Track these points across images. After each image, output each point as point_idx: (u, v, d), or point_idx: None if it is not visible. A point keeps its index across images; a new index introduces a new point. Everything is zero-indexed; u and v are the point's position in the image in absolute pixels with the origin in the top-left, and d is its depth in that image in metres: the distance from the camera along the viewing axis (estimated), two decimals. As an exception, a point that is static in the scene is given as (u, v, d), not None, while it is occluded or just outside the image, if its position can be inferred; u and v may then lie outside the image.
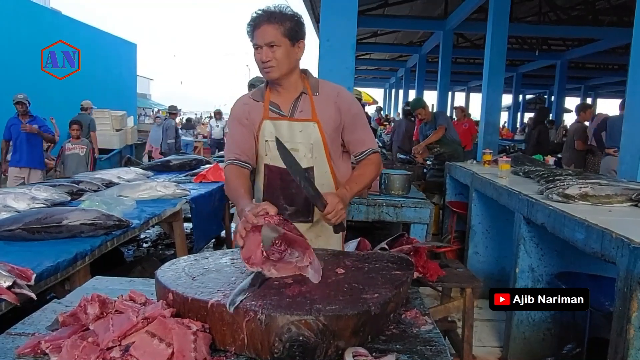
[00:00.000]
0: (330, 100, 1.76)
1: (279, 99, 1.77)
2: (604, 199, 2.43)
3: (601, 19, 10.34)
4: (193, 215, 3.64)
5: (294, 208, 1.79)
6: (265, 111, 1.76)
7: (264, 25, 1.60)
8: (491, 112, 7.33)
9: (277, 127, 1.75)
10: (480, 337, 3.09)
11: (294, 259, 1.23)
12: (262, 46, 1.62)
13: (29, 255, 2.01)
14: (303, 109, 1.75)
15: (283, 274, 1.21)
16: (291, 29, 1.63)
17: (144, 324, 1.03)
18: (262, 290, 1.13)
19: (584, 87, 21.03)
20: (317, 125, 1.73)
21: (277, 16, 1.61)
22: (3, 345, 1.11)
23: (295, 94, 1.76)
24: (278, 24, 1.60)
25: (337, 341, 1.02)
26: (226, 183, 1.75)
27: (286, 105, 1.76)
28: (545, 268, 2.73)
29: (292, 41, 1.64)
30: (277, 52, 1.62)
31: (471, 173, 3.89)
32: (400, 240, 2.12)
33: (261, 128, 1.76)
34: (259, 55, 1.64)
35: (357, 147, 1.82)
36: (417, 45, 14.12)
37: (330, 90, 1.79)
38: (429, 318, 1.25)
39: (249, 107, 1.79)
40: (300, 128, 1.74)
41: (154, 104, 27.26)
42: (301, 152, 1.74)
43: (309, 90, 1.76)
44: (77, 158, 6.35)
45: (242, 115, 1.80)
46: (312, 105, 1.74)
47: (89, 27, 14.20)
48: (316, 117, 1.73)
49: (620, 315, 1.70)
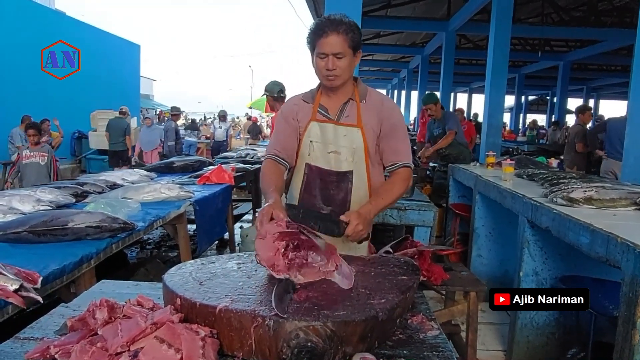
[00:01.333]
0: (375, 109, 1.81)
1: (329, 103, 1.81)
2: (608, 202, 2.43)
3: (604, 20, 10.32)
4: (197, 217, 3.65)
5: (330, 208, 1.83)
6: (314, 113, 1.82)
7: (333, 35, 1.64)
8: (494, 113, 7.32)
9: (322, 130, 1.80)
10: (484, 340, 3.09)
11: (317, 263, 1.23)
12: (329, 55, 1.66)
13: (35, 258, 2.02)
14: (349, 114, 1.79)
15: (309, 279, 1.22)
16: (355, 40, 1.68)
17: (153, 329, 1.04)
18: (269, 295, 1.13)
19: (586, 88, 21.00)
20: (360, 131, 1.78)
21: (343, 27, 1.65)
22: (12, 350, 1.12)
23: (344, 99, 1.81)
24: (345, 34, 1.65)
25: (344, 347, 1.03)
26: (261, 175, 1.77)
27: (334, 109, 1.81)
28: (549, 272, 2.73)
29: (354, 51, 1.70)
30: (342, 61, 1.67)
31: (474, 175, 3.88)
32: (404, 243, 2.13)
33: (307, 129, 1.81)
34: (323, 62, 1.68)
35: (390, 156, 1.82)
36: (420, 47, 14.13)
37: (376, 99, 1.84)
38: (435, 323, 1.25)
39: (298, 108, 1.85)
40: (344, 132, 1.79)
41: (157, 105, 27.30)
42: (342, 156, 1.79)
43: (357, 96, 1.81)
44: (37, 167, 5.42)
45: (290, 115, 1.85)
46: (358, 112, 1.79)
47: (92, 28, 14.26)
48: (361, 123, 1.78)
49: (626, 320, 1.70)
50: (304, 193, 1.84)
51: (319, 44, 1.66)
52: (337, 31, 1.64)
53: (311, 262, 1.23)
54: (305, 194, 1.84)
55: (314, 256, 1.24)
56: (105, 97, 13.70)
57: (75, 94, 12.52)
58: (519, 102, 20.48)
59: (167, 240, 5.22)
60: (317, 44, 1.67)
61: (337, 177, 1.80)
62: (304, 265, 1.23)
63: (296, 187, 1.88)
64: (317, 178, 1.82)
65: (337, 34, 1.64)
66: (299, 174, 1.87)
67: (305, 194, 1.84)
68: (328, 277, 1.22)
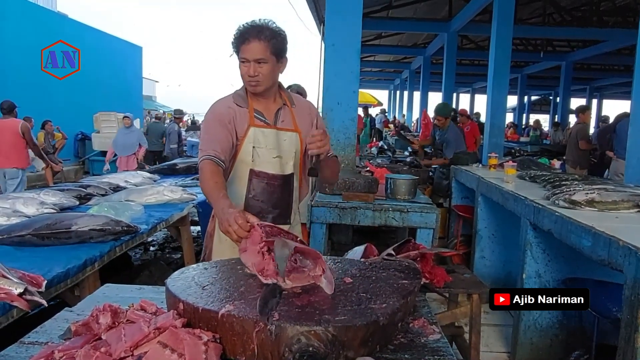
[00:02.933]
0: (306, 111, 1.92)
1: (262, 107, 1.83)
2: (610, 205, 2.42)
3: (606, 20, 10.30)
4: (200, 219, 3.66)
5: (277, 211, 1.87)
6: (251, 118, 1.81)
7: (254, 41, 1.66)
8: (496, 113, 7.31)
9: (264, 135, 1.81)
10: (487, 342, 3.09)
11: (306, 267, 1.24)
12: (250, 61, 1.68)
13: (39, 261, 2.03)
14: (285, 119, 1.85)
15: (297, 284, 1.23)
16: (278, 47, 1.70)
17: (156, 334, 1.04)
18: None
19: (589, 88, 20.93)
20: (298, 135, 1.86)
21: (266, 33, 1.66)
22: (17, 354, 1.13)
23: (276, 105, 1.85)
24: (267, 41, 1.66)
25: (346, 351, 1.03)
26: (203, 178, 1.67)
27: (269, 114, 1.84)
28: (552, 274, 2.73)
29: (278, 58, 1.72)
30: (264, 68, 1.70)
31: (477, 177, 3.88)
32: (406, 245, 2.12)
33: (247, 134, 1.79)
34: (245, 68, 1.70)
35: None
36: (422, 47, 14.12)
37: (304, 103, 1.97)
38: (436, 327, 1.25)
39: (233, 112, 1.81)
40: (285, 137, 1.84)
41: (159, 106, 27.40)
42: (284, 160, 1.84)
43: (287, 102, 1.87)
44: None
45: (226, 118, 1.79)
46: (293, 117, 1.87)
47: (95, 31, 14.33)
48: (297, 127, 1.86)
49: (628, 324, 1.70)
50: (250, 199, 1.83)
51: (242, 49, 1.68)
52: (259, 37, 1.65)
53: (301, 267, 1.24)
54: (251, 200, 1.83)
55: (303, 260, 1.25)
56: (108, 99, 13.77)
57: (78, 96, 12.58)
58: (522, 103, 20.44)
59: (171, 242, 5.23)
60: (240, 49, 1.69)
61: (283, 181, 1.84)
62: (294, 270, 1.24)
63: (239, 194, 1.84)
64: (263, 183, 1.83)
65: (259, 41, 1.65)
66: (240, 180, 1.83)
67: (251, 200, 1.83)
68: (316, 281, 1.22)
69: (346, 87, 3.88)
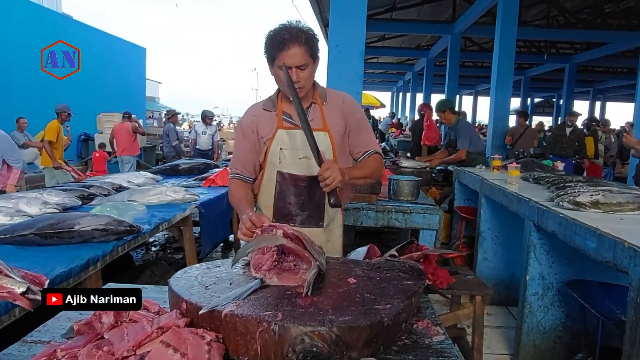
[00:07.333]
0: (337, 108, 1.83)
1: (291, 108, 1.79)
2: (615, 206, 2.41)
3: (610, 23, 10.28)
4: (201, 220, 3.66)
5: (306, 214, 1.84)
6: (279, 120, 1.80)
7: (294, 47, 1.61)
8: (499, 116, 7.30)
9: (291, 136, 1.79)
10: (490, 344, 3.07)
11: (301, 270, 1.26)
12: (292, 67, 1.64)
13: (41, 260, 2.03)
14: (314, 118, 1.79)
15: (285, 283, 1.23)
16: (315, 49, 1.68)
17: (159, 333, 1.04)
18: (274, 300, 1.13)
19: (592, 90, 20.90)
20: (327, 134, 1.79)
21: (303, 38, 1.63)
22: (20, 353, 1.12)
23: (306, 104, 1.79)
24: (305, 45, 1.63)
25: (350, 352, 1.02)
26: (231, 195, 1.85)
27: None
28: (555, 275, 2.71)
29: (315, 59, 1.70)
30: (305, 72, 1.67)
31: (480, 179, 3.87)
32: (409, 247, 2.11)
33: (275, 137, 1.80)
34: (286, 75, 1.64)
35: (360, 148, 1.87)
36: (425, 49, 14.13)
37: (336, 98, 1.86)
38: (440, 328, 1.25)
39: (257, 119, 1.83)
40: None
41: (162, 107, 27.43)
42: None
43: (318, 99, 1.82)
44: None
45: (248, 128, 1.84)
46: (322, 115, 1.81)
47: (99, 32, 14.39)
48: (327, 126, 1.80)
49: (633, 326, 1.68)
50: (278, 201, 1.83)
51: (280, 56, 1.63)
52: (298, 43, 1.61)
53: (297, 269, 1.27)
54: (279, 202, 1.83)
55: (301, 264, 1.27)
56: (111, 100, 13.81)
57: (82, 96, 12.62)
58: (525, 105, 20.39)
59: (173, 243, 5.24)
60: (277, 56, 1.63)
61: (310, 182, 1.80)
62: (289, 270, 1.26)
63: (268, 195, 1.85)
64: (290, 185, 1.81)
65: (299, 46, 1.61)
66: (269, 182, 1.84)
67: (279, 201, 1.83)
68: (302, 283, 1.23)
69: (350, 89, 3.86)
